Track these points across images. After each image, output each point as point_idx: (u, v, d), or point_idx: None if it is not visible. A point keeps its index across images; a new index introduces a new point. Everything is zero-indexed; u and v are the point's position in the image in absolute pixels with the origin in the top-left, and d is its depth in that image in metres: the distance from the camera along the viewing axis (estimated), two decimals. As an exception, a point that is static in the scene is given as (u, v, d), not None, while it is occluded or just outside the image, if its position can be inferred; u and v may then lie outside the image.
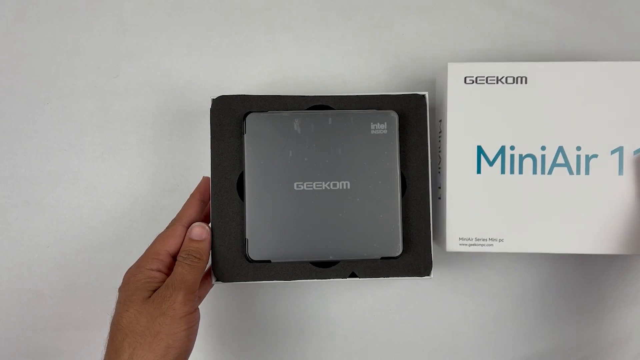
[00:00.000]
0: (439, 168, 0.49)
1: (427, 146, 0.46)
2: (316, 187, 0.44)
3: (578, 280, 0.54)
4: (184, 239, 0.44)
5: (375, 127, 0.45)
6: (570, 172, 0.46)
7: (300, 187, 0.44)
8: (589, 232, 0.46)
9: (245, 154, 0.44)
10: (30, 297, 0.53)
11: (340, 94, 0.46)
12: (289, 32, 0.55)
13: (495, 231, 0.46)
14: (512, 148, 0.46)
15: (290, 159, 0.44)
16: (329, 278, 0.45)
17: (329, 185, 0.44)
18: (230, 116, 0.45)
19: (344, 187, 0.44)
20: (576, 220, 0.46)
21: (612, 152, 0.46)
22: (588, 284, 0.54)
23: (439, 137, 0.49)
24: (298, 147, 0.44)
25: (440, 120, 0.49)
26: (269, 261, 0.44)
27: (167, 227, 0.45)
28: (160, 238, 0.44)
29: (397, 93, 0.46)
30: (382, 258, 0.45)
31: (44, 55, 0.54)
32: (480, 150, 0.46)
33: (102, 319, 0.53)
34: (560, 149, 0.46)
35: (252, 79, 0.54)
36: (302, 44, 0.55)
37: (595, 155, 0.46)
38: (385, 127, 0.45)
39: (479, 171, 0.46)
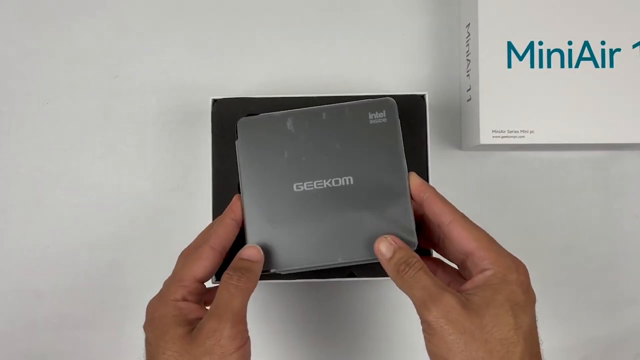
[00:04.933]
0: (468, 70, 0.51)
1: (427, 146, 0.46)
2: (317, 186, 0.42)
3: (577, 281, 0.54)
4: (213, 263, 0.38)
5: (373, 116, 0.42)
6: (596, 66, 0.48)
7: (300, 188, 0.42)
8: (614, 122, 0.48)
9: (240, 161, 0.42)
10: (30, 297, 0.53)
11: (340, 94, 0.46)
12: (289, 32, 0.55)
13: (526, 123, 0.48)
14: (541, 43, 0.49)
15: (286, 160, 0.42)
16: (328, 278, 0.45)
17: (330, 182, 0.41)
18: (231, 119, 0.45)
19: (347, 183, 0.41)
20: (602, 111, 0.48)
21: (634, 45, 0.48)
22: (588, 284, 0.54)
23: (467, 41, 0.51)
24: (293, 147, 0.42)
25: (468, 25, 0.51)
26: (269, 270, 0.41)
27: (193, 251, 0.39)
28: (184, 262, 0.38)
29: (397, 93, 0.46)
30: None
31: (44, 55, 0.54)
32: (510, 46, 0.49)
33: (102, 319, 0.53)
34: (586, 44, 0.49)
35: (252, 79, 0.54)
36: (302, 44, 0.55)
37: (619, 49, 0.48)
38: (384, 115, 0.42)
39: (509, 66, 0.49)
